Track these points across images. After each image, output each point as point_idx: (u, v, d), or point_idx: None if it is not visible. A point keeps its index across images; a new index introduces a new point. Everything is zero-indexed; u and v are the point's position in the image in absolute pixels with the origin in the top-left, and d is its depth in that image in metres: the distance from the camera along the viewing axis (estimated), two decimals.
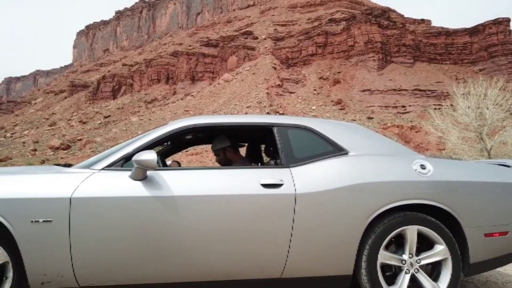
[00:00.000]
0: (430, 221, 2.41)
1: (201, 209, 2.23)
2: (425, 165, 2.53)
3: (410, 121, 62.66)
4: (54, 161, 51.17)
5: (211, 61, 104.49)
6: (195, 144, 3.75)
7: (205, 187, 2.28)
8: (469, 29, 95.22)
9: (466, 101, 19.36)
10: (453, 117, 20.15)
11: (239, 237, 2.26)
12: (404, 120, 66.07)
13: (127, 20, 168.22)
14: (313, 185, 2.35)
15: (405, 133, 55.65)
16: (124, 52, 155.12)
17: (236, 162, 2.99)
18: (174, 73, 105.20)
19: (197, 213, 2.23)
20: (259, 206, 2.29)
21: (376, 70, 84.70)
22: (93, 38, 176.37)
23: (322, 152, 2.54)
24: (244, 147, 3.52)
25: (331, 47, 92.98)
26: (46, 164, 3.74)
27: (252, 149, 3.45)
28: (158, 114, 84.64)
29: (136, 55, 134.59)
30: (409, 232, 2.39)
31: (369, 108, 75.83)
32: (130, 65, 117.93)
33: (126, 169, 2.31)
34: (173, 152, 3.65)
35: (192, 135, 3.26)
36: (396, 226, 2.38)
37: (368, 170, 2.44)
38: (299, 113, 67.55)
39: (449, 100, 23.45)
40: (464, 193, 2.51)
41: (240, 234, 2.27)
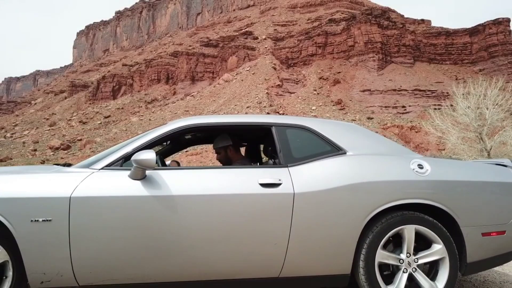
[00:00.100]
0: (427, 221, 2.43)
1: (200, 209, 2.24)
2: (423, 164, 2.54)
3: (410, 121, 62.62)
4: (54, 161, 51.16)
5: (211, 61, 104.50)
6: (195, 144, 3.76)
7: (203, 187, 2.29)
8: (469, 29, 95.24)
9: (466, 101, 19.37)
10: (453, 117, 20.17)
11: (237, 236, 2.28)
12: (404, 120, 66.04)
13: (127, 20, 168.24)
14: (311, 185, 2.36)
15: (405, 133, 55.62)
16: (124, 52, 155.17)
17: (236, 162, 3.00)
18: (174, 73, 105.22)
19: (195, 212, 2.24)
20: (257, 206, 2.30)
21: (376, 70, 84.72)
22: (93, 38, 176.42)
23: (320, 152, 2.56)
24: (245, 147, 3.53)
25: (331, 47, 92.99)
26: (46, 164, 3.75)
27: (251, 149, 3.46)
28: (158, 114, 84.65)
29: (136, 55, 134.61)
30: (407, 232, 2.41)
31: (369, 108, 75.84)
32: (130, 65, 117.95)
33: (125, 169, 2.32)
34: (172, 152, 3.66)
35: (191, 135, 3.28)
36: (394, 225, 2.39)
37: (366, 170, 2.46)
38: (299, 113, 67.55)
39: (449, 100, 23.47)
40: (462, 192, 2.53)
41: (238, 234, 2.28)
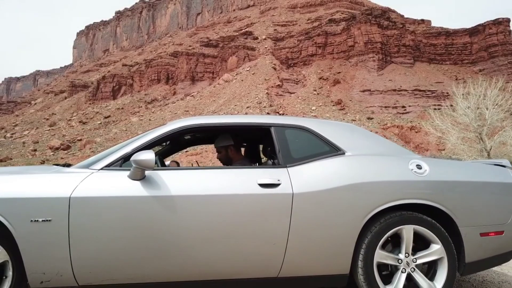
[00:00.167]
0: (426, 221, 2.44)
1: (199, 209, 2.25)
2: (421, 165, 2.55)
3: (410, 122, 62.60)
4: (54, 161, 51.16)
5: (211, 61, 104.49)
6: (194, 144, 3.77)
7: (202, 187, 2.30)
8: (469, 29, 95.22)
9: (466, 101, 19.39)
10: (452, 117, 20.19)
11: (237, 236, 2.28)
12: (404, 120, 66.02)
13: (127, 20, 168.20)
14: (310, 185, 2.37)
15: (405, 133, 55.61)
16: (124, 52, 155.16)
17: (237, 162, 3.01)
18: (174, 73, 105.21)
19: (195, 212, 2.25)
20: (256, 206, 2.31)
21: (376, 71, 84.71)
22: (93, 39, 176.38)
23: (319, 152, 2.57)
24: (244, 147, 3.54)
25: (331, 47, 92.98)
26: (46, 164, 3.75)
27: (250, 149, 3.47)
28: (158, 114, 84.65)
29: (136, 55, 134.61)
30: (405, 232, 2.42)
31: (369, 109, 75.83)
32: (130, 66, 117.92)
33: (124, 169, 2.33)
34: (172, 152, 3.67)
35: (190, 135, 3.29)
36: (392, 225, 2.40)
37: (364, 170, 2.46)
38: (299, 113, 67.54)
39: (448, 101, 23.49)
40: (460, 192, 2.53)
41: (238, 234, 2.28)
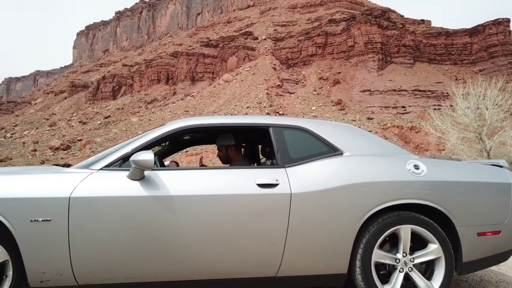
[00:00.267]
0: (423, 221, 2.45)
1: (198, 209, 2.27)
2: (419, 165, 2.57)
3: (410, 122, 62.60)
4: (54, 162, 51.16)
5: (211, 61, 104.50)
6: (194, 145, 3.79)
7: (201, 187, 2.31)
8: (469, 29, 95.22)
9: (466, 101, 19.39)
10: (452, 117, 20.19)
11: (235, 236, 2.30)
12: (404, 120, 66.02)
13: (127, 20, 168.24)
14: (308, 185, 2.38)
15: (405, 133, 55.61)
16: (124, 52, 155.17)
17: (236, 162, 3.03)
18: (174, 73, 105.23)
19: (193, 212, 2.26)
20: (255, 206, 2.32)
21: (376, 71, 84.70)
22: (93, 39, 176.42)
23: (317, 152, 2.58)
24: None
25: (331, 47, 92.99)
26: (45, 165, 3.76)
27: (249, 149, 3.48)
28: (158, 114, 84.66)
29: (136, 56, 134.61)
30: (403, 231, 2.43)
31: (369, 109, 75.83)
32: (130, 66, 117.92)
33: (124, 169, 2.34)
34: (172, 153, 3.68)
35: (190, 136, 3.31)
36: (390, 225, 2.42)
37: (362, 170, 2.48)
38: (299, 114, 67.54)
39: (448, 101, 23.47)
40: (457, 193, 2.55)
41: (236, 233, 2.30)
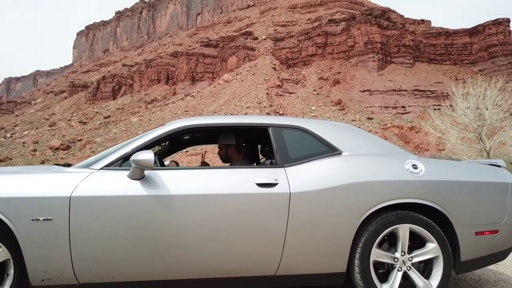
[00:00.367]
0: (422, 220, 2.47)
1: (198, 208, 2.28)
2: (417, 165, 2.58)
3: (410, 122, 62.60)
4: (54, 162, 51.15)
5: (211, 61, 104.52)
6: (194, 145, 3.80)
7: (201, 187, 2.33)
8: (469, 29, 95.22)
9: (465, 101, 19.40)
10: (452, 117, 20.20)
11: (235, 235, 2.31)
12: (403, 120, 66.02)
13: (127, 20, 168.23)
14: (307, 185, 2.40)
15: (404, 133, 55.61)
16: (124, 52, 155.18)
17: (236, 162, 3.05)
18: (174, 73, 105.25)
19: (193, 212, 2.28)
20: (254, 205, 2.34)
21: (376, 71, 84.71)
22: (93, 39, 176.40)
23: (316, 152, 2.60)
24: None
25: (331, 47, 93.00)
26: (46, 164, 3.78)
27: (249, 149, 3.50)
28: (158, 114, 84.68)
29: (136, 56, 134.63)
30: (401, 231, 2.45)
31: (369, 109, 75.84)
32: (130, 66, 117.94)
33: (124, 169, 2.36)
34: (172, 152, 3.70)
35: (190, 136, 3.32)
36: (388, 224, 2.43)
37: (361, 170, 2.50)
38: (299, 114, 67.56)
39: (448, 101, 23.47)
40: (455, 192, 2.56)
41: (236, 233, 2.31)
